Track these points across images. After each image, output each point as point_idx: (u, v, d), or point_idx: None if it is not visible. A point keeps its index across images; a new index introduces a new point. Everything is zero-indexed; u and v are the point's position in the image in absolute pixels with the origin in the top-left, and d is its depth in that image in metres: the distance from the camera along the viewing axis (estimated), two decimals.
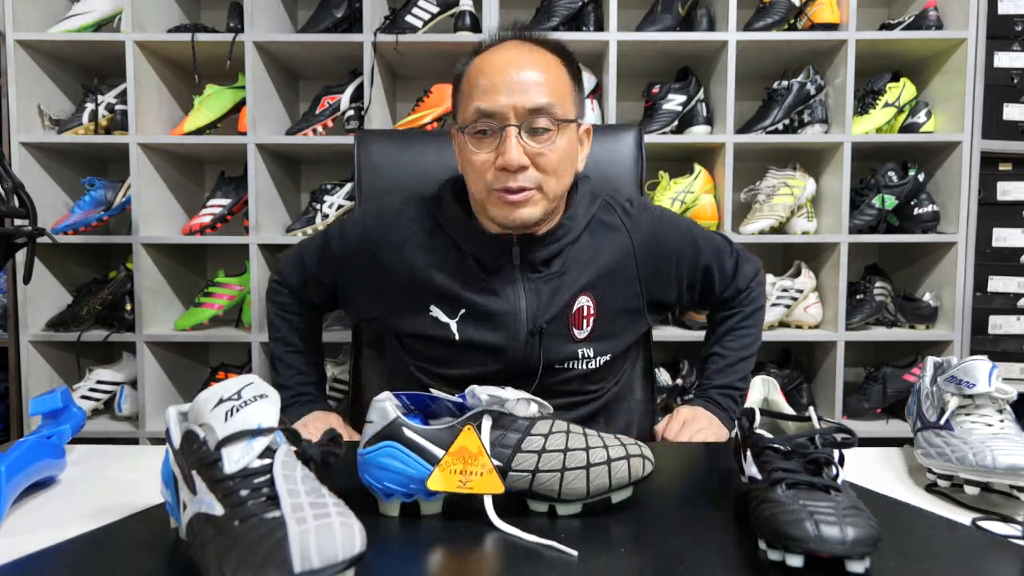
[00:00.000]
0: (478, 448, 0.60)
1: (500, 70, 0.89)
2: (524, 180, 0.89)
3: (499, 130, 0.88)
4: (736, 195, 1.97)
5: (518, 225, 0.93)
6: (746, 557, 0.54)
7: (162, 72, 1.98)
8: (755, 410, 0.69)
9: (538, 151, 0.89)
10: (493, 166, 0.89)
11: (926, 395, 0.81)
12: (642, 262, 1.03)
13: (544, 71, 0.90)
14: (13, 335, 1.90)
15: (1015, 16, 1.93)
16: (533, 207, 0.91)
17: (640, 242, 1.02)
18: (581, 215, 1.00)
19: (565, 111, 0.91)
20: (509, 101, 0.87)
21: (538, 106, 0.87)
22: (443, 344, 0.99)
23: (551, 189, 0.92)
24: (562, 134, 0.90)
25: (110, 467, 0.81)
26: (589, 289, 0.99)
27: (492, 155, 0.89)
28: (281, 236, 1.95)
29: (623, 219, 1.03)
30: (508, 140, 0.87)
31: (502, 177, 0.89)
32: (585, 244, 1.00)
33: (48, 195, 1.95)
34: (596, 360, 1.01)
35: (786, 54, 1.98)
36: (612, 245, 1.01)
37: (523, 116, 0.88)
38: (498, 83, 0.88)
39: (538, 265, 0.97)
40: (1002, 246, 1.97)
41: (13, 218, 0.89)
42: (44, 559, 0.54)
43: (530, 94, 0.87)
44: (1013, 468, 0.66)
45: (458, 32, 1.88)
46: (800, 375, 2.04)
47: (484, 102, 0.88)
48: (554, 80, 0.90)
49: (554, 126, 0.89)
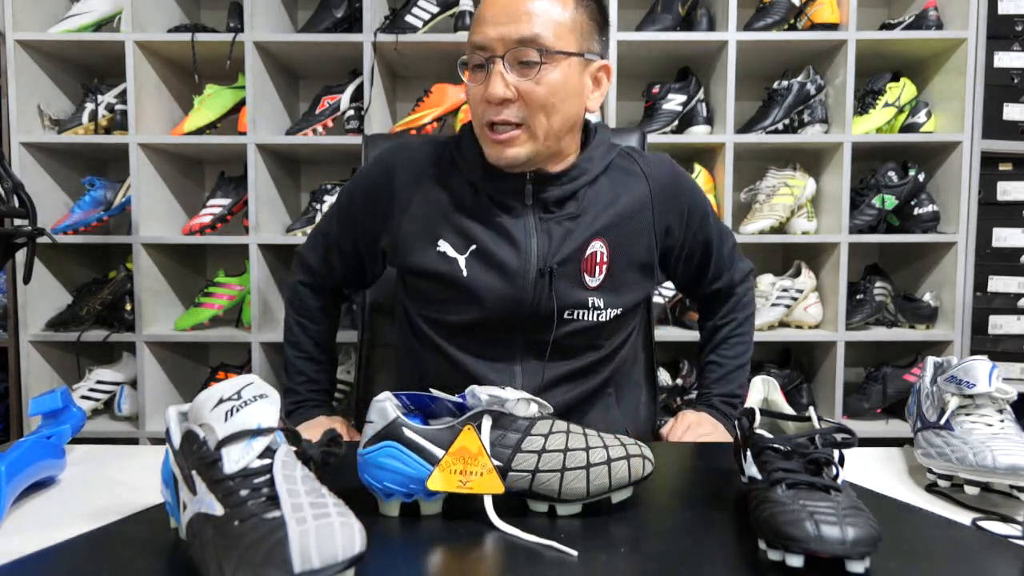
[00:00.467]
0: (478, 448, 0.60)
1: (495, 3, 0.88)
2: (507, 114, 0.87)
3: (488, 63, 0.87)
4: (736, 195, 1.97)
5: (504, 165, 0.92)
6: (746, 557, 0.54)
7: (162, 72, 1.98)
8: (755, 410, 0.69)
9: (523, 84, 0.86)
10: (482, 99, 0.88)
11: (926, 395, 0.81)
12: (658, 212, 1.01)
13: (536, 2, 0.86)
14: (13, 335, 1.90)
15: (1015, 16, 1.93)
16: (519, 147, 0.90)
17: (658, 191, 1.01)
18: (598, 158, 0.98)
19: (561, 43, 0.87)
20: (496, 33, 0.86)
21: (524, 37, 0.85)
22: (450, 284, 0.96)
23: (539, 126, 0.89)
24: (554, 67, 0.87)
25: (110, 467, 0.81)
26: (603, 234, 0.97)
27: (483, 88, 0.88)
28: (281, 236, 1.95)
29: (642, 166, 1.01)
30: (492, 72, 0.86)
31: (489, 111, 0.88)
32: (602, 187, 0.97)
33: (48, 195, 1.95)
34: (607, 312, 0.98)
35: (786, 54, 1.98)
36: (631, 192, 0.99)
37: (510, 45, 0.86)
38: (488, 15, 0.87)
39: (551, 205, 0.95)
40: (1002, 246, 1.97)
41: (13, 218, 0.89)
42: (44, 559, 0.54)
43: (518, 24, 0.85)
44: (1013, 468, 0.66)
45: (458, 32, 1.88)
46: (800, 375, 2.04)
47: (476, 35, 0.88)
48: (551, 10, 0.87)
49: (543, 58, 0.86)
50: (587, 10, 0.91)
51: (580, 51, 0.90)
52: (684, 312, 2.00)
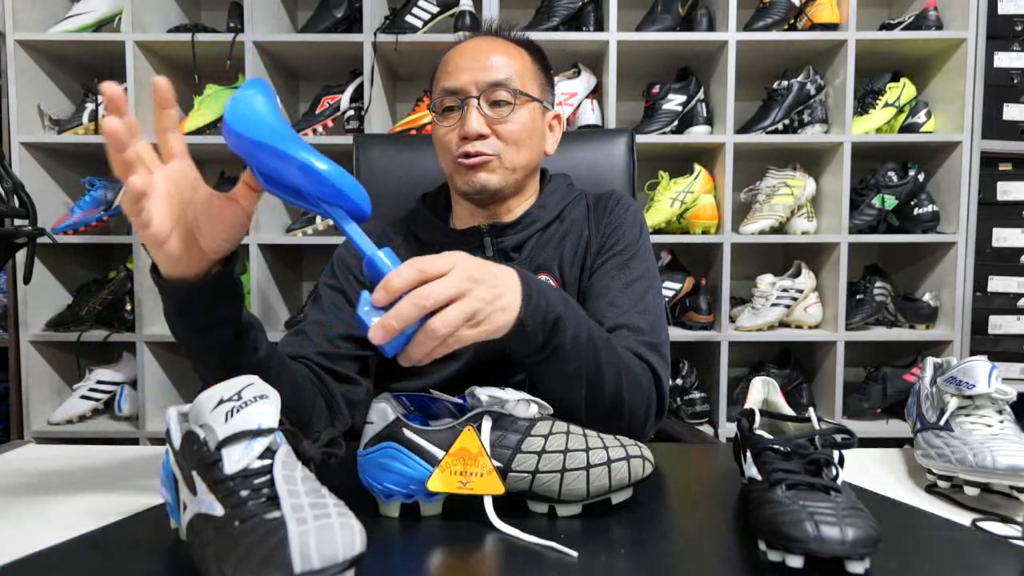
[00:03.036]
0: (478, 449, 0.60)
1: (464, 54, 0.96)
2: (481, 146, 0.93)
3: (461, 104, 0.94)
4: (736, 195, 1.97)
5: (478, 190, 0.95)
6: (746, 558, 0.54)
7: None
8: (755, 411, 0.69)
9: (497, 121, 0.94)
10: (457, 137, 0.94)
11: (926, 396, 0.81)
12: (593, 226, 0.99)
13: (505, 55, 0.96)
14: (13, 335, 1.90)
15: (1015, 16, 1.93)
16: (491, 173, 0.95)
17: (593, 203, 1.03)
18: (552, 205, 1.01)
19: (527, 88, 0.96)
20: (471, 77, 0.93)
21: (497, 80, 0.93)
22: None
23: (510, 158, 0.95)
24: (522, 108, 0.95)
25: (110, 467, 0.81)
26: (547, 267, 0.98)
27: (456, 129, 0.94)
28: (281, 236, 1.95)
29: (589, 198, 1.04)
30: (468, 111, 0.92)
31: (464, 145, 0.93)
32: (553, 232, 1.00)
33: (48, 195, 1.95)
34: None
35: (786, 54, 1.98)
36: (575, 222, 1.01)
37: (483, 88, 0.93)
38: (461, 64, 0.95)
39: (510, 252, 0.99)
40: (1002, 246, 1.97)
41: (13, 218, 0.89)
42: (44, 559, 0.54)
43: (490, 71, 0.93)
44: (1013, 469, 0.66)
45: (458, 32, 1.88)
46: (800, 375, 2.04)
47: (448, 81, 0.94)
48: (515, 63, 0.96)
49: (514, 98, 0.94)
50: (540, 65, 1.01)
51: (540, 98, 0.99)
52: (684, 312, 2.00)
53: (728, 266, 1.90)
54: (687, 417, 1.99)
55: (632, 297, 0.92)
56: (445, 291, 0.59)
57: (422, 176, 1.20)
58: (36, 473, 0.78)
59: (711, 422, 1.99)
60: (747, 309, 1.99)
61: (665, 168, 2.00)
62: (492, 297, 0.64)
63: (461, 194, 0.98)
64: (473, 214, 1.01)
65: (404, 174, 1.25)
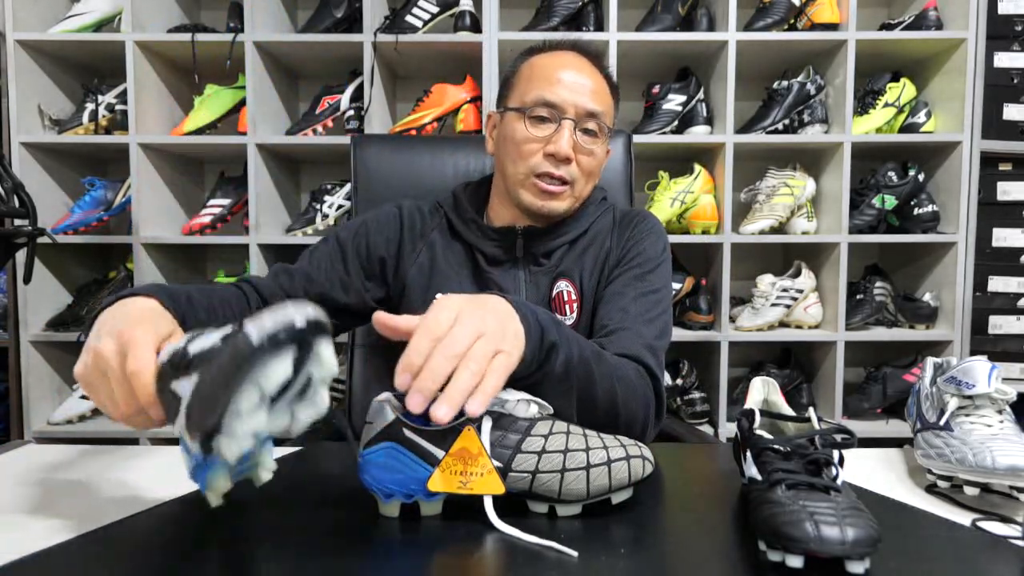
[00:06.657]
0: (478, 449, 0.60)
1: (564, 69, 0.97)
2: (563, 171, 0.95)
3: (557, 120, 0.95)
4: (736, 195, 1.97)
5: (544, 214, 0.98)
6: (746, 558, 0.54)
7: (162, 72, 1.98)
8: (755, 411, 0.69)
9: (584, 149, 0.96)
10: (542, 151, 0.95)
11: (926, 396, 0.81)
12: (615, 240, 1.02)
13: (602, 88, 0.99)
14: (13, 335, 1.90)
15: (1015, 16, 1.93)
16: (561, 202, 0.98)
17: (620, 217, 1.06)
18: (584, 218, 1.04)
19: (609, 123, 1.00)
20: (571, 98, 0.95)
21: (593, 111, 0.96)
22: None
23: (580, 188, 0.99)
24: (603, 143, 0.99)
25: (110, 467, 0.81)
26: (567, 274, 1.01)
27: (542, 142, 0.95)
28: (281, 236, 1.95)
29: (615, 210, 1.07)
30: (563, 130, 0.94)
31: (547, 163, 0.95)
32: (579, 242, 1.03)
33: (48, 195, 1.95)
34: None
35: (786, 54, 1.98)
36: (599, 234, 1.03)
37: (580, 115, 0.95)
38: (563, 79, 0.96)
39: (539, 257, 1.01)
40: (1002, 246, 1.97)
41: (13, 218, 0.89)
42: (44, 559, 0.54)
43: (588, 99, 0.96)
44: (1013, 469, 0.66)
45: (458, 32, 1.88)
46: (800, 375, 2.04)
47: (549, 93, 0.95)
48: (604, 95, 0.99)
49: (601, 133, 0.97)
50: (614, 96, 1.04)
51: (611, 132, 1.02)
52: (684, 312, 2.00)
53: (728, 266, 1.90)
54: (687, 417, 1.99)
55: (643, 306, 0.94)
56: (468, 332, 0.56)
57: (421, 176, 1.20)
58: (36, 473, 0.78)
59: (711, 422, 1.99)
60: (747, 309, 2.00)
61: (665, 168, 2.00)
62: (502, 329, 0.61)
63: (522, 208, 0.99)
64: (514, 216, 1.02)
65: (403, 174, 1.25)
